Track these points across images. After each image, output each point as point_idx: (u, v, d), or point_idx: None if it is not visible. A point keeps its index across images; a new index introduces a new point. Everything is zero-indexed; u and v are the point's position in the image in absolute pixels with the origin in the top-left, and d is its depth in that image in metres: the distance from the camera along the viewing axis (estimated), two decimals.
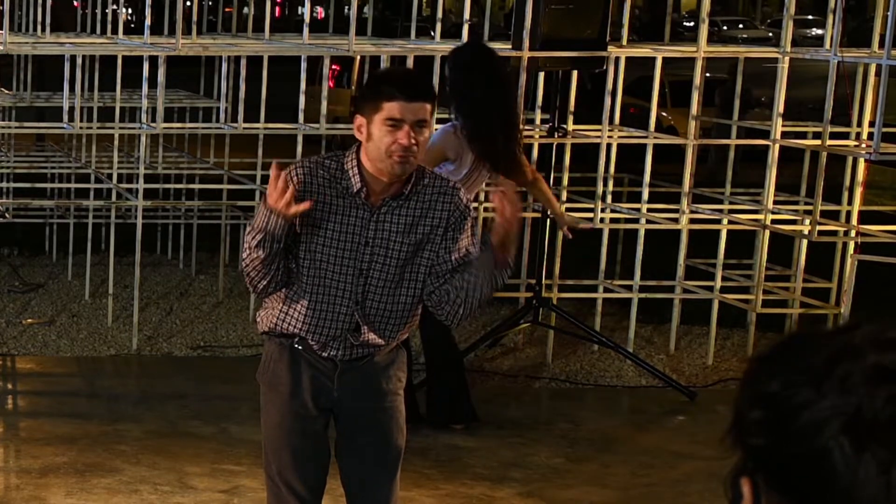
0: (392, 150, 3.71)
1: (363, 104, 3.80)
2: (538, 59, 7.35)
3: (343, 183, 3.83)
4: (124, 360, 8.11)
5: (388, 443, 3.99)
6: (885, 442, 1.10)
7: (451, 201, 3.87)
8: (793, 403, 1.15)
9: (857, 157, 7.71)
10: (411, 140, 3.71)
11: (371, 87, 3.89)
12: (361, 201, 3.83)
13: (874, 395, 1.12)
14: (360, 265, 3.85)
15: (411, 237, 3.85)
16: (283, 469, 4.01)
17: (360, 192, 3.82)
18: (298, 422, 3.96)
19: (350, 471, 4.03)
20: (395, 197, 3.84)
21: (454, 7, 39.35)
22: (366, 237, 3.84)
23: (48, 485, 5.91)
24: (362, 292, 3.86)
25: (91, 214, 9.62)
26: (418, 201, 3.86)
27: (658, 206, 8.47)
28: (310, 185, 3.83)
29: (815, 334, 1.21)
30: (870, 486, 1.10)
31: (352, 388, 3.94)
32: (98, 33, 10.71)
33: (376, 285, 3.86)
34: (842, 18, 7.33)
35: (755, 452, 1.18)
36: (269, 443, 4.05)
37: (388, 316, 3.89)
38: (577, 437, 6.78)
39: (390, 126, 3.71)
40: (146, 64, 8.20)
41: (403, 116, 3.71)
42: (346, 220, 3.84)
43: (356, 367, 3.93)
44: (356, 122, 3.82)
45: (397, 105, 3.71)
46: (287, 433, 3.99)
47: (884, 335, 1.17)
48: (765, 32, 42.34)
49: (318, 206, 3.82)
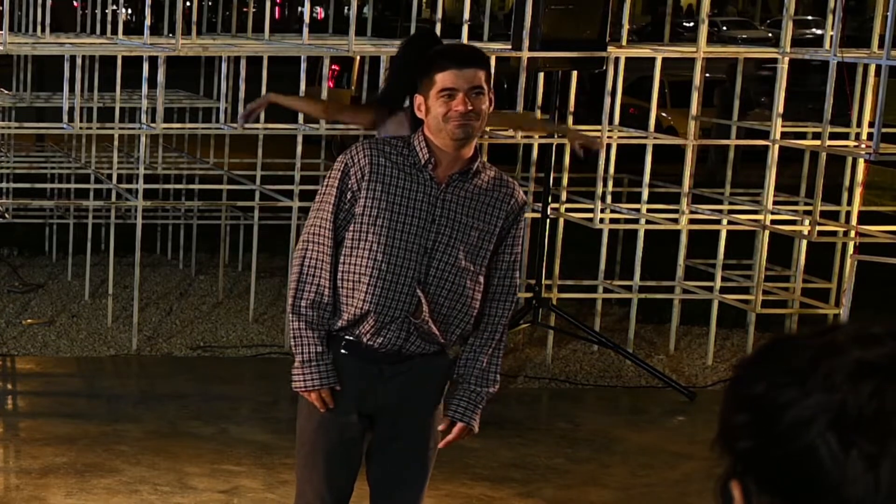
0: (449, 116, 3.74)
1: (421, 81, 3.83)
2: (538, 59, 7.35)
3: (410, 158, 3.83)
4: (124, 361, 8.11)
5: (423, 454, 3.96)
6: (871, 437, 1.10)
7: (509, 193, 3.89)
8: (778, 403, 1.15)
9: (857, 158, 7.71)
10: (467, 106, 3.73)
11: (426, 62, 3.89)
12: (429, 176, 3.81)
13: (858, 390, 1.12)
14: (426, 243, 3.81)
15: (476, 221, 3.83)
16: (314, 473, 3.99)
17: (427, 163, 3.81)
18: (336, 428, 3.93)
19: (379, 474, 4.00)
20: (462, 174, 3.83)
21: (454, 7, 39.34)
22: (433, 214, 3.81)
23: (48, 485, 5.91)
24: (426, 272, 3.81)
25: (91, 214, 9.61)
26: (484, 188, 3.86)
27: (658, 207, 8.47)
28: (376, 161, 3.82)
29: (797, 336, 1.21)
30: (858, 482, 1.10)
31: (396, 394, 3.90)
32: (98, 33, 10.71)
33: (439, 266, 3.82)
34: (841, 18, 7.33)
35: (743, 455, 1.18)
36: (304, 446, 4.02)
37: (448, 303, 3.84)
38: (577, 437, 6.78)
39: (445, 96, 3.74)
40: (146, 64, 8.20)
41: (456, 85, 3.73)
42: (414, 196, 3.81)
43: (403, 372, 3.88)
44: (416, 101, 3.85)
45: (449, 74, 3.74)
46: (323, 438, 3.95)
47: (865, 331, 1.17)
48: (765, 33, 42.34)
49: (385, 181, 3.81)
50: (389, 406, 3.91)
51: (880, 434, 1.10)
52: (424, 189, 3.82)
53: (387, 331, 3.83)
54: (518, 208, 3.90)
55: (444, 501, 5.82)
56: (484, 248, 3.86)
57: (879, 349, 1.15)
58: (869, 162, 7.76)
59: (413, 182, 3.82)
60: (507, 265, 3.93)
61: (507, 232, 3.89)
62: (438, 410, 3.99)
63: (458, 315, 3.87)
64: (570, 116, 8.15)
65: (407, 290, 3.81)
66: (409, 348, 3.86)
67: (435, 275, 3.82)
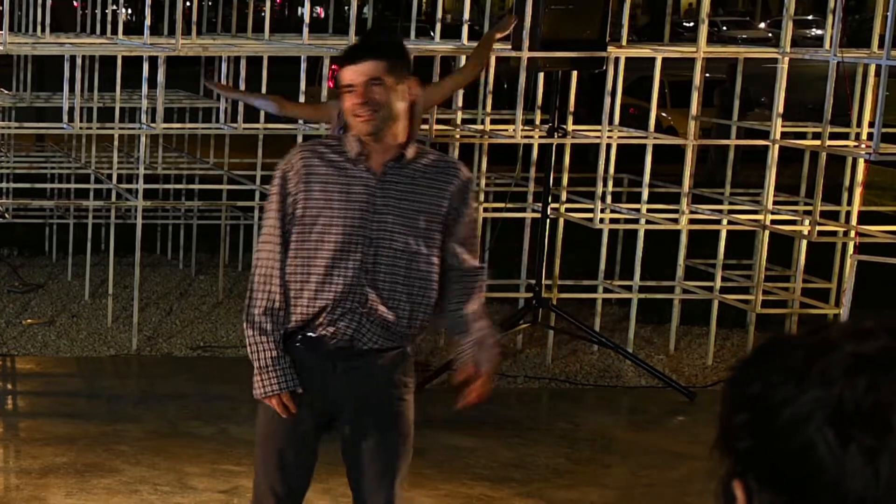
0: (352, 112, 3.84)
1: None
2: (538, 59, 7.35)
3: (344, 154, 3.90)
4: (124, 361, 8.11)
5: (390, 448, 3.97)
6: (869, 430, 1.11)
7: (455, 173, 3.93)
8: (775, 401, 1.16)
9: (857, 158, 7.71)
10: (363, 98, 3.82)
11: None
12: (363, 168, 3.87)
13: (854, 384, 1.12)
14: (370, 233, 3.86)
15: (420, 205, 3.88)
16: (266, 467, 4.03)
17: (359, 156, 3.87)
18: (289, 422, 3.96)
19: (352, 474, 4.03)
20: (396, 161, 3.88)
21: (454, 7, 39.34)
22: (373, 205, 3.86)
23: (48, 485, 5.91)
24: (373, 262, 3.85)
25: (91, 215, 9.62)
26: (423, 172, 3.90)
27: (658, 207, 8.47)
28: (310, 162, 3.89)
29: (792, 335, 1.22)
30: (858, 476, 1.11)
31: (350, 390, 3.92)
32: (98, 33, 10.71)
33: (388, 254, 3.86)
34: (842, 18, 7.33)
35: (744, 455, 1.19)
36: (259, 439, 4.08)
37: (400, 290, 3.87)
38: (577, 437, 6.78)
39: (347, 92, 3.85)
40: (146, 64, 8.20)
41: (353, 80, 3.84)
42: (351, 190, 3.87)
43: (357, 368, 3.91)
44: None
45: (347, 70, 3.86)
46: (277, 432, 4.00)
47: (859, 326, 1.18)
48: (765, 33, 42.34)
49: (321, 180, 3.88)
50: (346, 403, 3.94)
51: (878, 427, 1.11)
52: (361, 181, 3.88)
53: (340, 323, 3.87)
54: (464, 186, 3.93)
55: (444, 501, 5.82)
56: (433, 230, 3.90)
57: (873, 343, 1.15)
58: (869, 162, 7.76)
59: (348, 176, 3.88)
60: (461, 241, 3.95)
61: (456, 211, 3.92)
62: (405, 404, 3.99)
63: (417, 300, 3.91)
64: (570, 116, 8.16)
65: (354, 282, 3.86)
66: (362, 341, 3.88)
67: (384, 262, 3.87)
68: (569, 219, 8.37)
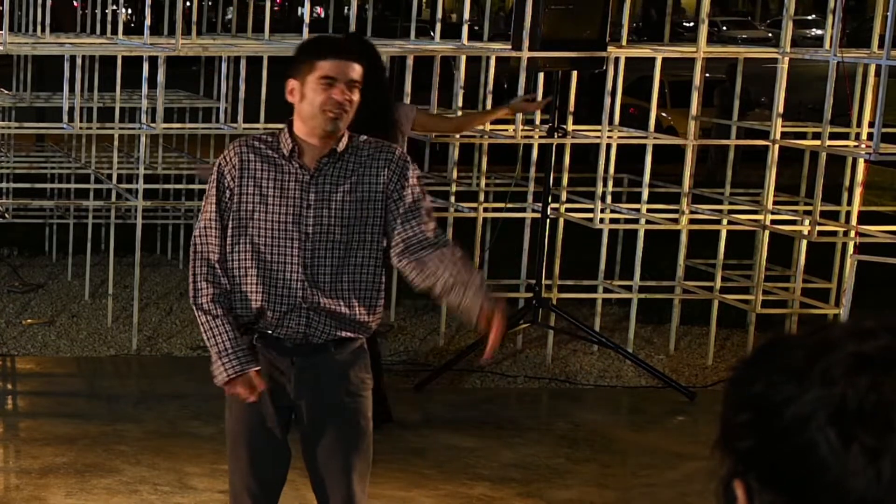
0: (326, 106, 3.81)
1: (296, 67, 3.89)
2: (538, 59, 7.35)
3: (278, 151, 3.91)
4: (124, 361, 8.11)
5: (349, 445, 3.97)
6: (871, 430, 1.10)
7: (388, 156, 3.93)
8: (777, 401, 1.16)
9: (857, 158, 7.71)
10: (344, 96, 3.81)
11: (306, 49, 3.98)
12: (297, 165, 3.89)
13: (856, 383, 1.12)
14: (305, 229, 3.88)
15: (352, 195, 3.89)
16: (238, 463, 4.05)
17: (292, 153, 3.89)
18: (255, 419, 3.98)
19: (311, 472, 4.05)
20: (329, 156, 3.89)
21: (455, 7, 39.34)
22: (307, 200, 3.88)
23: (48, 485, 5.91)
24: (311, 257, 3.87)
25: (91, 214, 9.62)
26: (355, 161, 3.91)
27: (658, 207, 8.47)
28: (245, 158, 3.92)
29: (793, 335, 1.22)
30: (860, 475, 1.10)
31: (310, 387, 3.94)
32: (98, 33, 10.71)
33: (325, 248, 3.88)
34: (842, 18, 7.33)
35: (745, 455, 1.19)
36: (229, 436, 4.11)
37: (342, 280, 3.89)
38: (577, 437, 6.78)
39: (325, 84, 3.82)
40: (146, 64, 8.20)
41: (336, 74, 3.82)
42: (286, 186, 3.89)
43: (315, 364, 3.92)
44: (288, 86, 3.91)
45: (330, 63, 3.82)
46: (244, 430, 4.03)
47: (860, 326, 1.18)
48: (764, 33, 42.34)
49: (256, 176, 3.90)
50: (304, 398, 3.95)
51: (880, 427, 1.10)
52: (295, 177, 3.89)
53: (287, 320, 3.89)
54: (399, 164, 3.92)
55: (444, 501, 5.82)
56: (372, 215, 3.90)
57: (875, 342, 1.15)
58: (869, 162, 7.75)
59: (282, 172, 3.90)
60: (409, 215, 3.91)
61: (394, 191, 3.91)
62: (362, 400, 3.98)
63: (363, 288, 3.91)
64: (570, 116, 8.15)
65: (295, 278, 3.87)
66: (316, 335, 3.89)
67: (322, 255, 3.88)
68: (569, 219, 8.37)
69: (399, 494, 5.75)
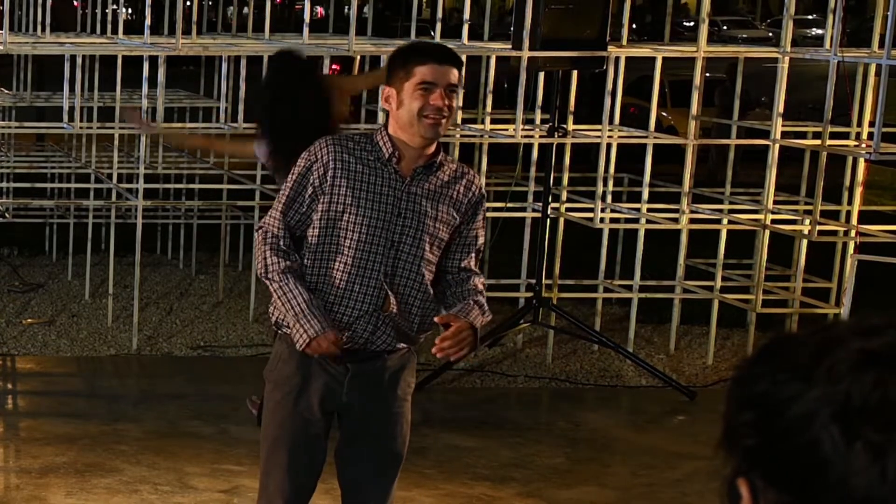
0: (425, 112, 3.76)
1: (393, 73, 3.85)
2: (538, 59, 7.35)
3: (374, 154, 3.86)
4: (124, 360, 8.11)
5: (390, 448, 3.97)
6: (876, 427, 1.10)
7: (469, 184, 3.92)
8: (781, 399, 1.15)
9: (857, 157, 7.71)
10: (444, 101, 3.76)
11: (401, 55, 3.90)
12: (393, 170, 3.84)
13: (861, 381, 1.11)
14: (393, 237, 3.84)
15: (440, 213, 3.87)
16: (276, 468, 4.01)
17: (391, 158, 3.83)
18: (300, 424, 3.95)
19: (348, 473, 4.02)
20: (426, 167, 3.86)
21: (456, 5, 39.36)
22: (399, 208, 3.84)
23: (48, 485, 5.91)
24: (392, 265, 3.84)
25: (91, 214, 9.61)
26: (443, 177, 3.89)
27: (658, 206, 8.47)
28: (340, 157, 3.85)
29: (798, 333, 1.21)
30: (864, 473, 1.10)
31: (361, 391, 3.92)
32: (98, 33, 10.71)
33: (406, 259, 3.85)
34: (842, 18, 7.33)
35: (749, 453, 1.18)
36: (266, 440, 4.05)
37: (415, 295, 3.87)
38: (577, 437, 6.78)
39: (423, 90, 3.77)
40: (146, 64, 8.20)
41: (436, 80, 3.77)
42: (379, 191, 3.84)
43: (369, 370, 3.91)
44: (384, 93, 3.87)
45: (429, 69, 3.77)
46: (287, 434, 3.98)
47: (866, 322, 1.17)
48: (765, 32, 42.33)
49: (350, 177, 3.84)
50: (355, 404, 3.93)
51: (885, 424, 1.10)
52: (389, 183, 3.85)
53: (355, 325, 3.85)
54: (478, 198, 3.93)
55: (444, 501, 5.82)
56: (445, 235, 3.91)
57: (880, 339, 1.14)
58: (869, 161, 7.76)
59: (378, 176, 3.85)
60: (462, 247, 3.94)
61: (467, 221, 3.92)
62: (407, 405, 4.00)
63: (420, 304, 3.90)
64: (570, 116, 8.15)
65: (375, 284, 3.84)
66: (376, 343, 3.88)
67: (403, 267, 3.86)
68: (569, 218, 8.37)
69: (399, 494, 5.72)
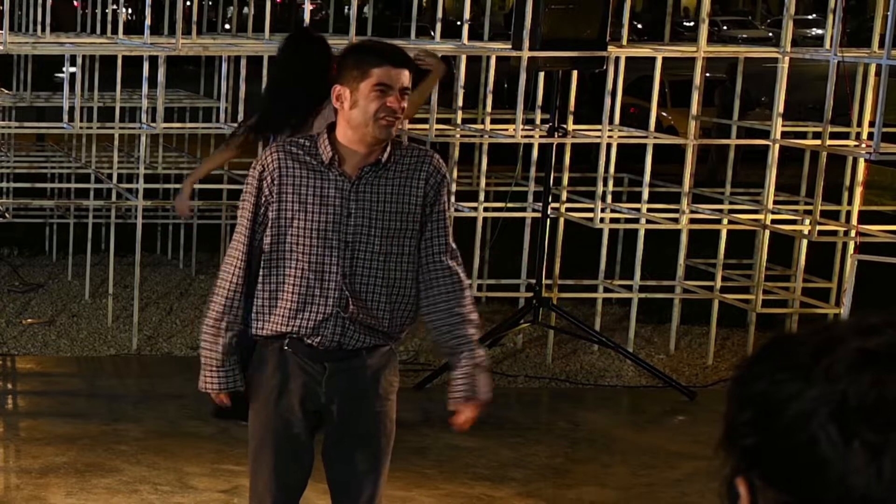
0: (380, 114, 3.77)
1: (346, 72, 3.84)
2: (538, 58, 7.35)
3: (317, 157, 3.87)
4: (124, 360, 8.11)
5: (374, 447, 3.98)
6: (873, 426, 1.10)
7: (430, 167, 3.91)
8: (780, 398, 1.15)
9: (857, 157, 7.71)
10: (399, 104, 3.78)
11: (356, 54, 3.90)
12: (337, 173, 3.85)
13: (858, 380, 1.12)
14: (345, 237, 3.85)
15: (395, 206, 3.86)
16: (263, 468, 4.03)
17: (332, 161, 3.84)
18: (282, 424, 3.97)
19: (334, 473, 4.03)
20: (373, 165, 3.86)
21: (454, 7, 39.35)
22: (348, 209, 3.85)
23: (48, 485, 5.91)
24: (350, 265, 3.85)
25: (91, 214, 9.61)
26: (398, 170, 3.88)
27: (658, 206, 8.47)
28: (284, 164, 3.87)
29: (797, 333, 1.22)
30: (861, 472, 1.10)
31: (341, 390, 3.92)
32: (98, 33, 10.71)
33: (363, 258, 3.85)
34: (842, 18, 7.33)
35: (748, 452, 1.18)
36: (254, 440, 4.08)
37: (379, 291, 3.87)
38: (577, 437, 6.78)
39: (379, 91, 3.77)
40: (146, 64, 8.20)
41: (391, 82, 3.78)
42: (325, 193, 3.85)
43: (347, 369, 3.91)
44: (335, 91, 3.85)
45: (385, 71, 3.78)
46: (271, 434, 4.00)
47: (865, 322, 1.17)
48: (765, 32, 42.34)
49: (295, 183, 3.86)
50: (335, 403, 3.94)
51: (882, 423, 1.10)
52: (335, 185, 3.85)
53: (323, 328, 3.86)
54: (438, 178, 3.92)
55: (444, 501, 5.82)
56: (409, 228, 3.90)
57: (878, 338, 1.15)
58: (869, 161, 7.76)
59: (323, 180, 3.86)
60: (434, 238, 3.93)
61: (431, 203, 3.91)
62: (390, 403, 4.01)
63: (397, 301, 3.90)
64: (570, 116, 8.15)
65: (333, 286, 3.85)
66: (349, 343, 3.88)
67: (361, 265, 3.86)
68: (569, 218, 8.37)
69: (399, 494, 5.74)
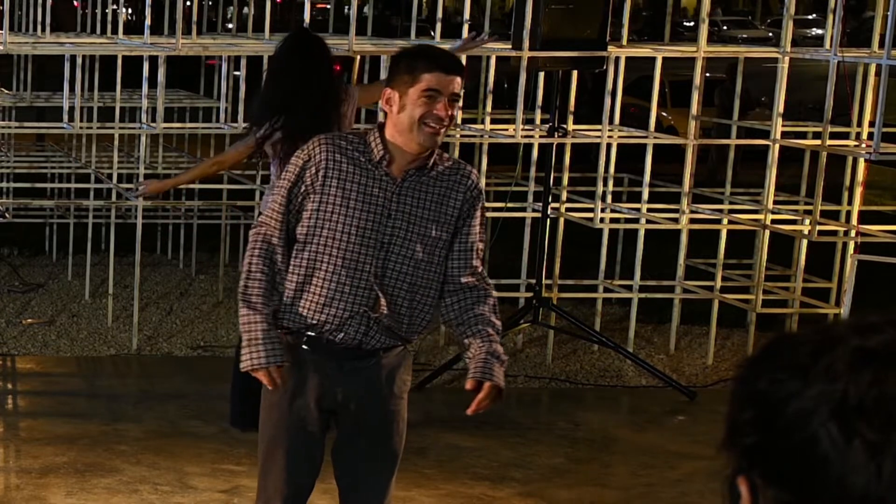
0: (427, 119, 3.76)
1: (397, 76, 3.83)
2: (538, 59, 7.35)
3: (366, 154, 3.85)
4: (124, 360, 8.11)
5: (387, 447, 3.98)
6: (873, 425, 1.10)
7: (470, 181, 3.91)
8: (781, 397, 1.16)
9: (857, 157, 7.71)
10: (447, 111, 3.77)
11: (408, 58, 3.88)
12: (384, 172, 3.83)
13: (858, 378, 1.12)
14: (382, 238, 3.83)
15: (432, 213, 3.86)
16: (274, 468, 4.02)
17: (381, 160, 3.83)
18: (297, 423, 3.96)
19: (345, 472, 4.02)
20: (418, 169, 3.85)
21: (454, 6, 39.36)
22: (389, 209, 3.84)
23: (48, 485, 5.91)
24: (382, 266, 3.83)
25: (91, 214, 9.61)
26: (439, 178, 3.88)
27: (658, 206, 8.47)
28: (332, 157, 3.85)
29: (798, 333, 1.22)
30: (861, 471, 1.10)
31: (357, 390, 3.92)
32: (98, 33, 10.71)
33: (397, 260, 3.85)
34: (842, 18, 7.33)
35: (749, 451, 1.19)
36: (265, 440, 4.06)
37: (403, 296, 3.86)
38: (577, 437, 6.78)
39: (428, 97, 3.76)
40: (146, 64, 8.20)
41: (441, 88, 3.76)
42: (369, 192, 3.83)
43: (364, 368, 3.91)
44: (385, 94, 3.84)
45: (436, 76, 3.76)
46: (284, 433, 3.99)
47: (865, 321, 1.17)
48: (765, 32, 42.34)
49: (340, 177, 3.84)
50: (351, 402, 3.93)
51: (882, 422, 1.10)
52: (380, 185, 3.84)
53: (347, 326, 3.85)
54: (475, 194, 3.91)
55: (444, 501, 5.82)
56: (442, 238, 3.89)
57: (878, 337, 1.15)
58: (869, 161, 7.76)
59: (368, 178, 3.84)
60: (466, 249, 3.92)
61: (464, 218, 3.91)
62: (403, 402, 4.01)
63: (417, 307, 3.90)
64: (570, 116, 8.15)
65: (364, 286, 3.84)
66: (369, 343, 3.88)
67: (393, 268, 3.85)
68: (569, 218, 8.37)
69: (399, 494, 5.73)
